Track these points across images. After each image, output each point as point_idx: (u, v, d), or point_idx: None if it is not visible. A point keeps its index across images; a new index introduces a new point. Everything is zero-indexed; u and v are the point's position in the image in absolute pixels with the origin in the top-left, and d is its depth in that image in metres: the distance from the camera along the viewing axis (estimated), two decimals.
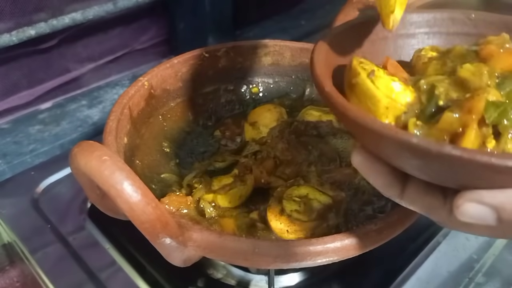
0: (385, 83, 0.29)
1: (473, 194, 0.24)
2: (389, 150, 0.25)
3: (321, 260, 0.33)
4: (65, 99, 0.73)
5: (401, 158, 0.25)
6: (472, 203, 0.24)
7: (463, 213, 0.24)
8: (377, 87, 0.29)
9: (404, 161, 0.25)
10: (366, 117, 0.25)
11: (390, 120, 0.29)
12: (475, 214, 0.24)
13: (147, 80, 0.47)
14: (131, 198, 0.27)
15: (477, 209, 0.24)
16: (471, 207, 0.24)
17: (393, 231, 0.35)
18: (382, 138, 0.24)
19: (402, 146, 0.23)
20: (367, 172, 0.28)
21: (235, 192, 0.44)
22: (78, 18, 0.66)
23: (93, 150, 0.28)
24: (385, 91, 0.29)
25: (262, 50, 0.56)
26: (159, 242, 0.30)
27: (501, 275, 0.49)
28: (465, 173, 0.23)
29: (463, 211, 0.24)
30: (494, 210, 0.23)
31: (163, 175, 0.47)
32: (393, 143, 0.24)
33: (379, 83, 0.29)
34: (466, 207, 0.24)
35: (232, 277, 0.49)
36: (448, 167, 0.23)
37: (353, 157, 0.28)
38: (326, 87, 0.28)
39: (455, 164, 0.22)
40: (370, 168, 0.28)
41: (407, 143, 0.23)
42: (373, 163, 0.27)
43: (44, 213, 0.53)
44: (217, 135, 0.53)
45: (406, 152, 0.24)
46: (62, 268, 0.47)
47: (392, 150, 0.25)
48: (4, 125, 0.67)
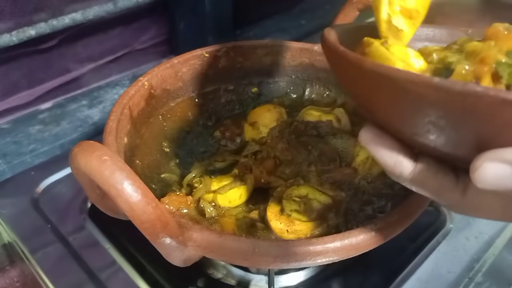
0: (399, 49, 0.29)
1: (494, 153, 0.21)
2: (407, 101, 0.23)
3: (321, 260, 0.33)
4: (65, 99, 0.73)
5: (420, 111, 0.23)
6: (493, 162, 0.21)
7: (482, 175, 0.22)
8: (392, 52, 0.29)
9: (422, 118, 0.24)
10: (384, 66, 0.23)
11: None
12: (495, 175, 0.21)
13: (147, 80, 0.47)
14: (131, 198, 0.27)
15: (498, 168, 0.21)
16: (491, 166, 0.21)
17: (393, 231, 0.35)
18: (401, 85, 0.22)
19: (423, 90, 0.22)
20: (376, 149, 0.26)
21: (235, 191, 0.44)
22: (78, 18, 0.66)
23: (93, 150, 0.28)
24: (400, 55, 0.29)
25: (262, 50, 0.56)
26: (159, 242, 0.30)
27: (501, 275, 0.49)
28: (488, 121, 0.21)
29: (482, 172, 0.21)
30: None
31: (163, 175, 0.47)
32: (413, 89, 0.22)
33: (393, 49, 0.29)
34: (486, 167, 0.21)
35: (232, 277, 0.49)
36: (471, 113, 0.21)
37: (362, 135, 0.27)
38: (339, 47, 0.27)
39: (479, 106, 0.21)
40: (379, 144, 0.26)
41: (429, 85, 0.21)
42: (383, 139, 0.26)
43: (44, 213, 0.53)
44: (217, 135, 0.53)
45: (426, 99, 0.22)
46: (62, 268, 0.47)
47: (411, 100, 0.23)
48: (4, 125, 0.67)
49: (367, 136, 0.26)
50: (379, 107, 0.26)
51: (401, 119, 0.25)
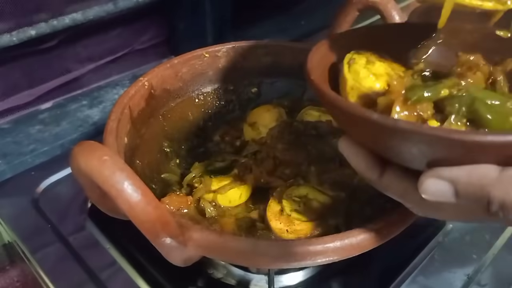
0: (356, 68, 0.35)
1: (434, 171, 0.26)
2: (367, 133, 0.29)
3: (321, 259, 0.33)
4: (65, 99, 0.73)
5: (368, 137, 0.29)
6: (432, 178, 0.26)
7: (426, 189, 0.26)
8: (349, 71, 0.35)
9: (374, 143, 0.29)
10: (338, 98, 0.29)
11: (354, 99, 0.34)
12: (436, 189, 0.26)
13: (147, 80, 0.47)
14: (131, 198, 0.28)
15: (437, 184, 0.26)
16: (431, 182, 0.26)
17: (393, 230, 0.35)
18: (347, 115, 0.28)
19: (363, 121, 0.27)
20: (350, 155, 0.31)
21: (235, 191, 0.44)
22: (79, 19, 0.66)
23: (94, 150, 0.28)
24: (353, 74, 0.34)
25: (262, 50, 0.56)
26: (159, 242, 0.30)
27: (501, 275, 0.49)
28: (420, 148, 0.26)
29: (426, 187, 0.26)
30: (451, 183, 0.25)
31: (164, 175, 0.47)
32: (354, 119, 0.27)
33: (352, 68, 0.35)
34: (428, 183, 0.26)
35: (232, 277, 0.49)
36: (390, 137, 0.26)
37: (340, 143, 0.32)
38: (311, 76, 0.32)
39: (406, 138, 0.25)
40: (353, 152, 0.31)
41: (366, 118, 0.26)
42: (356, 148, 0.31)
43: (44, 213, 0.53)
44: (217, 140, 0.52)
45: (366, 127, 0.27)
46: (63, 268, 0.47)
47: (370, 133, 0.28)
48: (4, 125, 0.67)
49: (343, 145, 0.31)
50: (344, 127, 0.32)
51: (364, 141, 0.30)
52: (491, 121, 0.28)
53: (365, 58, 0.36)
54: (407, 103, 0.29)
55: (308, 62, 0.34)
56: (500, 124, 0.28)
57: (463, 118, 0.29)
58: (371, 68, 0.35)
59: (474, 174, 0.25)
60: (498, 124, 0.28)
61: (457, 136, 0.24)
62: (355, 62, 0.35)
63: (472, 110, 0.29)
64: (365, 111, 0.26)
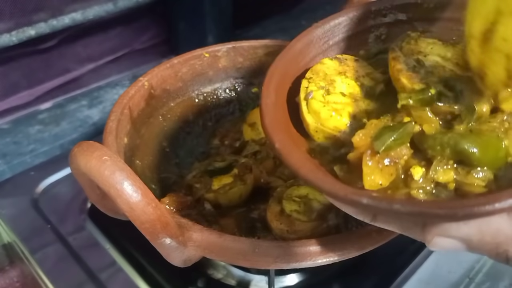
0: (315, 108, 0.31)
1: (440, 229, 0.25)
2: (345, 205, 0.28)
3: (321, 260, 0.33)
4: (65, 99, 0.73)
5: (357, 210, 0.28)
6: (440, 237, 0.25)
7: (435, 247, 0.25)
8: (309, 111, 0.32)
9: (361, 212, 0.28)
10: (318, 179, 0.26)
11: (321, 140, 0.31)
12: (446, 245, 0.25)
13: (147, 80, 0.47)
14: (131, 198, 0.27)
15: (446, 241, 0.25)
16: (440, 240, 0.25)
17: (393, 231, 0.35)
18: (336, 197, 0.26)
19: (355, 204, 0.25)
20: (337, 205, 0.29)
21: (235, 191, 0.44)
22: (78, 18, 0.66)
23: (93, 150, 0.28)
24: (314, 116, 0.31)
25: (262, 50, 0.56)
26: (159, 242, 0.30)
27: (502, 276, 0.49)
28: (421, 220, 0.25)
29: (435, 245, 0.25)
30: (463, 242, 0.24)
31: (163, 175, 0.47)
32: (345, 201, 0.26)
33: (311, 107, 0.32)
34: (436, 241, 0.25)
35: (232, 278, 0.49)
36: (399, 217, 0.25)
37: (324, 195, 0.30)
38: (276, 143, 0.28)
39: (403, 215, 0.24)
40: (340, 205, 0.29)
41: (358, 203, 0.24)
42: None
43: (44, 213, 0.53)
44: (216, 144, 0.52)
45: (359, 207, 0.26)
46: (62, 268, 0.47)
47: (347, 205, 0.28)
48: (4, 125, 0.67)
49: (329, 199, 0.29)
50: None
51: None
52: (482, 159, 0.26)
53: (323, 82, 0.33)
54: (376, 157, 0.27)
55: (263, 113, 0.30)
56: (492, 158, 0.26)
57: (449, 160, 0.26)
58: (332, 101, 0.32)
59: (486, 232, 0.23)
60: (490, 160, 0.26)
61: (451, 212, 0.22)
62: (313, 97, 0.32)
63: (458, 151, 0.26)
64: (338, 188, 0.25)
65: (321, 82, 0.33)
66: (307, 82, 0.33)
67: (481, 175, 0.26)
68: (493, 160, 0.26)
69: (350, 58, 0.35)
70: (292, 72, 0.34)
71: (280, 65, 0.34)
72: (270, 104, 0.31)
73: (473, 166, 0.26)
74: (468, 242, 0.24)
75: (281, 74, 0.33)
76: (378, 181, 0.27)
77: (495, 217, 0.23)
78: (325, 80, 0.33)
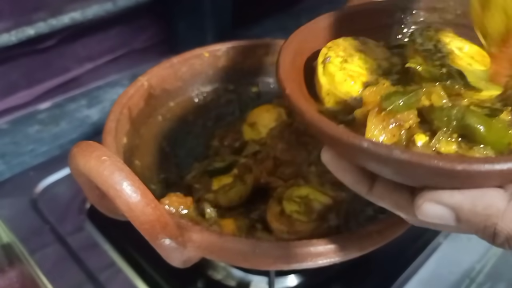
0: (331, 71, 0.32)
1: (432, 194, 0.24)
2: (345, 153, 0.27)
3: (321, 261, 0.33)
4: (64, 99, 0.73)
5: (357, 159, 0.26)
6: (431, 203, 0.24)
7: (423, 213, 0.24)
8: (324, 73, 0.32)
9: (360, 162, 0.26)
10: (322, 121, 0.26)
11: (331, 104, 0.31)
12: (435, 213, 0.24)
13: (147, 80, 0.47)
14: (130, 198, 0.27)
15: (436, 209, 0.24)
16: (430, 206, 0.24)
17: (394, 232, 0.35)
18: (337, 142, 0.25)
19: (354, 150, 0.24)
20: (335, 169, 0.28)
21: (235, 191, 0.44)
22: (78, 18, 0.66)
23: (92, 150, 0.28)
24: (328, 78, 0.32)
25: (262, 49, 0.55)
26: (158, 243, 0.30)
27: (503, 276, 0.49)
28: (418, 175, 0.24)
29: (423, 211, 0.24)
30: (452, 210, 0.24)
31: (163, 175, 0.47)
32: (345, 146, 0.25)
33: (327, 70, 0.32)
34: (426, 207, 0.24)
35: (232, 278, 0.49)
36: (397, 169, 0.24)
37: (322, 155, 0.29)
38: (287, 89, 0.28)
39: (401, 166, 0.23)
40: (338, 165, 0.28)
41: (358, 147, 0.24)
42: (341, 161, 0.28)
43: (43, 213, 0.53)
44: (216, 145, 0.52)
45: (359, 155, 0.25)
46: (61, 268, 0.47)
47: (347, 153, 0.27)
48: (3, 125, 0.67)
49: (326, 157, 0.28)
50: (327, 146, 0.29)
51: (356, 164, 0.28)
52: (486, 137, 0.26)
53: (342, 52, 0.33)
54: (382, 114, 0.27)
55: (280, 65, 0.30)
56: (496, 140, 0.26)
57: (453, 133, 0.26)
58: (348, 68, 0.32)
59: (479, 203, 0.23)
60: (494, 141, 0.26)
61: (448, 165, 0.22)
62: (330, 61, 0.32)
63: (464, 125, 0.26)
64: (343, 133, 0.24)
65: (341, 52, 0.33)
66: (327, 49, 0.33)
67: (483, 152, 0.26)
68: (496, 143, 0.26)
69: (372, 42, 0.35)
70: (312, 44, 0.35)
71: (302, 34, 0.34)
72: (287, 62, 0.31)
73: (476, 143, 0.26)
74: (458, 210, 0.24)
75: (301, 42, 0.34)
76: (379, 137, 0.27)
77: (491, 190, 0.23)
78: (344, 52, 0.33)
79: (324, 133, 0.25)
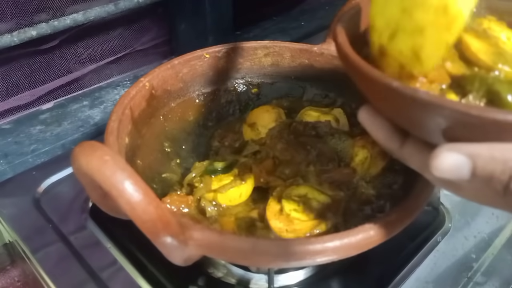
0: None
1: (452, 145, 0.24)
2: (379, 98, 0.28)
3: (320, 259, 0.33)
4: (66, 100, 0.73)
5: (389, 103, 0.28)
6: (451, 152, 0.24)
7: (440, 163, 0.24)
8: None
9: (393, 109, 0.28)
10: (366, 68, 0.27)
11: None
12: (453, 161, 0.24)
13: (148, 80, 0.47)
14: (132, 197, 0.28)
15: (454, 157, 0.24)
16: (448, 154, 0.24)
17: (392, 230, 0.35)
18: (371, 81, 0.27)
19: (387, 90, 0.26)
20: (370, 126, 0.30)
21: (235, 191, 0.44)
22: (79, 19, 0.66)
23: (95, 150, 0.28)
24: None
25: (262, 51, 0.56)
26: (160, 241, 0.30)
27: (500, 275, 0.49)
28: (446, 121, 0.24)
29: (441, 160, 0.24)
30: (470, 158, 0.24)
31: (164, 174, 0.48)
32: (380, 87, 0.26)
33: None
34: (445, 156, 0.24)
35: (232, 276, 0.49)
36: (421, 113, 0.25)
37: (359, 114, 0.30)
38: (338, 38, 0.30)
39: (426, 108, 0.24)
40: (373, 122, 0.30)
41: (388, 87, 0.25)
42: (376, 118, 0.30)
43: (45, 212, 0.53)
44: (216, 145, 0.52)
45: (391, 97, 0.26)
46: (64, 267, 0.48)
47: (382, 98, 0.28)
48: (5, 125, 0.67)
49: (364, 115, 0.30)
50: (369, 96, 0.30)
51: (384, 110, 0.30)
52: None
53: None
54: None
55: (337, 21, 0.32)
56: None
57: (482, 98, 0.27)
58: None
59: (497, 148, 0.23)
60: None
61: (477, 112, 0.23)
62: None
63: (493, 91, 0.27)
64: (385, 77, 0.26)
65: None
66: None
67: None
68: None
69: None
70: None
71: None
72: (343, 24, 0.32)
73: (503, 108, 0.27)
74: (475, 157, 0.23)
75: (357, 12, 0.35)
76: None
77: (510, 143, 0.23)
78: None
79: (363, 74, 0.27)
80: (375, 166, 0.44)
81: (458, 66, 0.30)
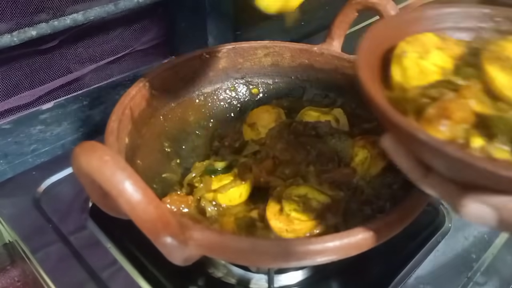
0: (406, 65, 0.33)
1: (477, 196, 0.26)
2: (405, 140, 0.29)
3: (320, 259, 0.33)
4: (66, 100, 0.73)
5: (414, 149, 0.28)
6: (476, 203, 0.26)
7: (467, 211, 0.26)
8: (398, 66, 0.33)
9: (417, 153, 0.28)
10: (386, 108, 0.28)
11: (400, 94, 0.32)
12: (478, 212, 0.26)
13: (148, 80, 0.47)
14: (132, 197, 0.28)
15: (480, 208, 0.25)
16: (475, 206, 0.26)
17: (392, 230, 0.35)
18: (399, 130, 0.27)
19: (413, 139, 0.26)
20: (394, 154, 0.30)
21: (235, 191, 0.44)
22: (79, 19, 0.66)
23: (95, 150, 0.28)
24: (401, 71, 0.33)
25: (262, 51, 0.56)
26: (160, 241, 0.30)
27: (500, 275, 0.49)
28: (467, 173, 0.25)
29: (468, 209, 0.26)
30: (496, 210, 0.25)
31: (164, 174, 0.48)
32: (406, 135, 0.26)
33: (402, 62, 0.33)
34: (471, 206, 0.26)
35: (232, 276, 0.49)
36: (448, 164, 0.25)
37: (383, 140, 0.31)
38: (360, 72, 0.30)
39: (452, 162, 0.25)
40: (397, 151, 0.30)
41: (416, 137, 0.25)
42: (400, 148, 0.30)
43: (45, 212, 0.53)
44: (216, 145, 0.52)
45: (417, 145, 0.26)
46: (64, 267, 0.48)
47: (407, 141, 0.28)
48: (5, 125, 0.67)
49: (387, 142, 0.30)
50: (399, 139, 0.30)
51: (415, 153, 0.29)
52: None
53: (420, 48, 0.34)
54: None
55: (358, 51, 0.32)
56: None
57: (508, 143, 0.27)
58: (422, 64, 0.33)
59: None
60: None
61: (507, 173, 0.23)
62: (407, 56, 0.33)
63: None
64: (413, 127, 0.26)
65: (418, 47, 0.34)
66: (405, 43, 0.34)
67: None
68: None
69: (453, 40, 0.36)
70: (392, 37, 0.35)
71: (384, 26, 0.35)
72: (366, 48, 0.32)
73: None
74: (501, 209, 0.25)
75: (383, 32, 0.35)
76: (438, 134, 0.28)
77: None
78: (422, 48, 0.34)
79: (388, 120, 0.27)
80: (375, 166, 0.44)
81: (482, 104, 0.29)
